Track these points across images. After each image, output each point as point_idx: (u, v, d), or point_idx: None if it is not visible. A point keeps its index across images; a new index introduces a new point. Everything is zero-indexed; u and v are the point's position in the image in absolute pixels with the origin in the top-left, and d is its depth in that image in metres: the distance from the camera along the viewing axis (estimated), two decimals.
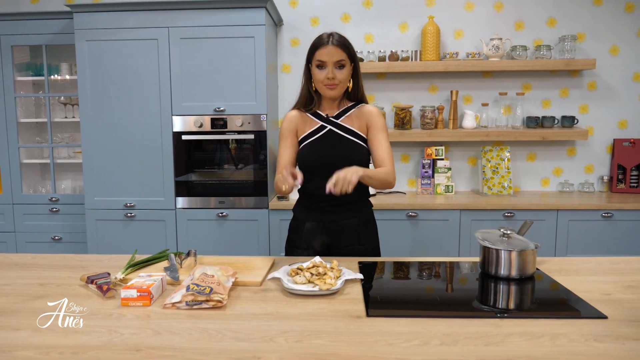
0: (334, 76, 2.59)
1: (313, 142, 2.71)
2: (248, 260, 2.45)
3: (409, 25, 4.86)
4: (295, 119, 2.76)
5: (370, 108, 2.76)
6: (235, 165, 4.44)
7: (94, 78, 4.36)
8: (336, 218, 2.72)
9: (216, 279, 1.95)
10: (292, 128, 2.76)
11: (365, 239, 2.78)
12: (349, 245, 2.73)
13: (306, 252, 2.73)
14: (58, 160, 4.92)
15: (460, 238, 4.29)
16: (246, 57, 4.26)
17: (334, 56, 2.58)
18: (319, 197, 2.68)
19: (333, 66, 2.58)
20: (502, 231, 2.30)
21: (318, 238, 2.72)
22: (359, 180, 2.36)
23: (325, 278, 2.04)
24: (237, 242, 4.40)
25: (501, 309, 2.02)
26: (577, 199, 4.51)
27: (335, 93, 2.65)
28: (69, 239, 4.79)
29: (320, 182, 2.56)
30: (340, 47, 2.59)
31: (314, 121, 2.74)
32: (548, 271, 2.34)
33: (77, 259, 2.55)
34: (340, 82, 2.62)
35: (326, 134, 2.70)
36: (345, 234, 2.73)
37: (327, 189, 2.28)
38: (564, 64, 4.53)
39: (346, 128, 2.71)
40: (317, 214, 2.74)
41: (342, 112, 2.75)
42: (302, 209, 2.83)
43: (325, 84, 2.61)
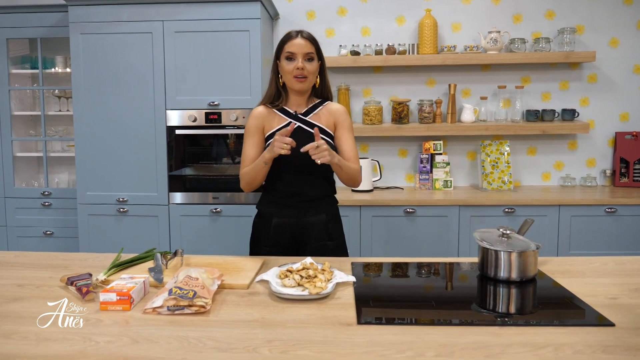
0: (304, 67, 2.59)
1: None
2: (237, 261, 2.37)
3: (406, 19, 4.78)
4: (262, 116, 2.72)
5: (338, 106, 2.78)
6: (231, 160, 4.36)
7: (88, 71, 4.29)
8: (304, 214, 2.69)
9: (200, 282, 1.87)
10: (259, 125, 2.71)
11: (334, 234, 2.76)
12: (319, 241, 2.70)
13: (274, 249, 2.69)
14: (52, 154, 4.86)
15: (460, 235, 4.21)
16: (241, 51, 4.19)
17: (304, 48, 2.60)
18: (287, 194, 2.70)
19: (302, 58, 2.59)
20: (502, 231, 2.21)
21: (287, 234, 2.70)
22: (330, 163, 2.44)
23: (315, 281, 1.96)
24: (232, 239, 4.32)
25: (501, 313, 1.95)
26: (579, 193, 4.43)
27: (305, 86, 2.65)
28: (61, 234, 4.73)
29: (289, 178, 2.67)
30: (310, 41, 2.63)
31: (282, 118, 2.71)
32: (550, 272, 2.25)
33: (61, 258, 2.47)
34: (309, 74, 2.62)
35: (295, 131, 2.60)
36: (314, 230, 2.70)
37: (305, 149, 2.36)
38: (563, 56, 4.45)
39: (314, 125, 2.65)
40: (285, 210, 2.70)
41: (310, 109, 2.74)
42: (268, 205, 2.77)
43: (294, 74, 2.60)
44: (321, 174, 2.69)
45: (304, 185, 2.67)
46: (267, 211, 2.75)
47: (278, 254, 2.62)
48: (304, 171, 2.63)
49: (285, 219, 2.69)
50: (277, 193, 2.72)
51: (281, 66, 2.64)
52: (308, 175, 2.66)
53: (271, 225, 2.71)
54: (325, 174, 2.70)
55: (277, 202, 2.72)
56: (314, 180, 2.69)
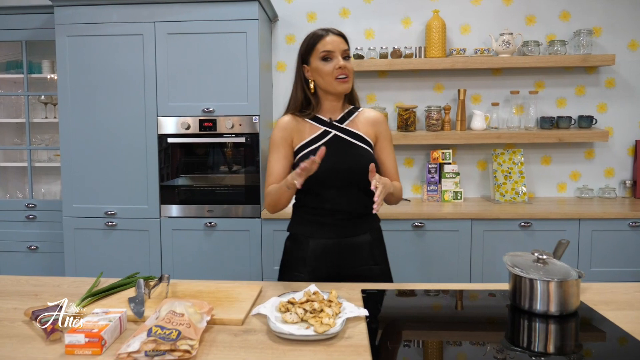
0: (345, 65, 2.31)
1: (316, 149, 2.33)
2: (230, 288, 2.07)
3: (412, 20, 4.55)
4: (290, 126, 2.42)
5: (377, 114, 2.49)
6: (226, 171, 4.10)
7: (74, 76, 4.07)
8: (349, 233, 2.37)
9: (186, 319, 1.59)
10: (286, 137, 2.41)
11: (380, 257, 2.45)
12: (363, 265, 2.39)
13: (310, 275, 2.37)
14: (37, 164, 4.62)
15: (472, 251, 3.93)
16: (237, 54, 3.97)
17: (340, 45, 2.34)
18: (326, 212, 2.37)
19: (341, 55, 2.31)
20: (537, 255, 1.91)
21: (326, 258, 2.37)
22: (390, 191, 2.21)
23: (322, 316, 1.68)
24: (227, 254, 4.06)
25: (538, 352, 1.65)
26: (598, 206, 4.16)
27: (349, 86, 2.37)
28: (45, 249, 4.46)
29: (327, 194, 2.34)
30: (343, 38, 2.38)
31: (315, 126, 2.41)
32: (591, 302, 1.95)
33: (32, 283, 2.20)
34: (350, 73, 2.35)
35: (332, 140, 2.36)
36: (359, 252, 2.38)
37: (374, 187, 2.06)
38: (580, 59, 4.20)
39: (353, 133, 2.38)
40: (325, 230, 2.38)
41: (345, 115, 2.44)
42: (303, 225, 2.44)
43: (336, 75, 2.31)
44: (362, 189, 2.34)
45: (345, 201, 2.35)
46: (302, 232, 2.43)
47: (315, 280, 2.32)
48: (343, 186, 2.32)
49: (324, 239, 2.37)
50: (314, 211, 2.40)
51: (316, 69, 2.34)
52: (348, 190, 2.34)
53: (308, 248, 2.39)
54: (366, 188, 2.31)
55: (314, 221, 2.40)
56: (355, 195, 2.36)
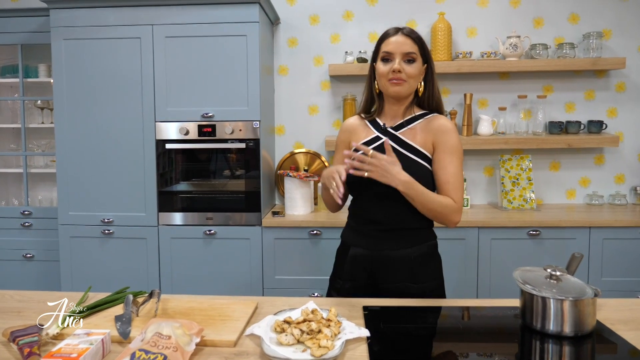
0: (401, 69, 2.17)
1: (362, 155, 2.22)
2: (225, 305, 1.95)
3: (417, 23, 4.43)
4: (351, 129, 2.41)
5: (442, 122, 2.27)
6: (226, 177, 3.99)
7: (70, 80, 3.97)
8: (385, 246, 2.25)
9: (173, 341, 1.48)
10: (346, 139, 2.41)
11: (421, 275, 2.26)
12: (399, 281, 2.24)
13: (348, 283, 2.30)
14: (33, 170, 4.50)
15: (479, 260, 3.81)
16: (238, 57, 3.87)
17: (402, 46, 2.18)
18: (363, 220, 2.30)
19: (401, 58, 2.18)
20: (549, 271, 1.78)
21: (361, 268, 2.29)
22: (398, 188, 2.06)
23: (319, 338, 1.56)
24: (227, 264, 3.95)
25: None
26: (609, 213, 4.03)
27: (402, 89, 2.21)
28: (41, 257, 4.35)
29: (368, 203, 2.26)
30: (411, 38, 2.21)
31: (370, 130, 2.33)
32: (609, 322, 1.81)
33: (17, 298, 2.09)
34: (409, 77, 2.20)
35: (380, 147, 2.23)
36: (394, 267, 2.24)
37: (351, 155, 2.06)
38: (590, 63, 4.08)
39: (405, 142, 2.24)
40: (362, 238, 2.30)
41: (405, 122, 2.29)
42: (349, 231, 2.39)
43: (389, 77, 2.19)
44: (402, 202, 2.19)
45: (381, 212, 2.24)
46: (346, 239, 2.41)
47: (352, 290, 2.27)
48: (382, 196, 2.20)
49: (360, 249, 2.30)
50: (355, 218, 2.37)
51: (377, 69, 2.25)
52: (387, 202, 2.21)
53: (347, 256, 2.33)
54: (407, 201, 2.19)
55: (355, 229, 2.36)
56: (393, 207, 2.22)
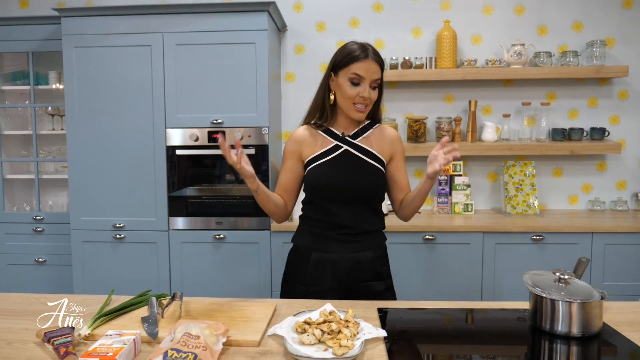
0: (369, 96, 2.27)
1: (325, 163, 2.34)
2: (244, 307, 2.03)
3: (423, 30, 4.49)
4: (302, 139, 2.42)
5: (393, 132, 2.46)
6: (235, 183, 4.05)
7: (82, 87, 4.02)
8: (349, 250, 2.34)
9: (202, 341, 1.55)
10: (296, 150, 2.42)
11: (382, 274, 2.42)
12: (364, 281, 2.35)
13: (312, 288, 2.34)
14: (44, 176, 4.56)
15: (484, 265, 3.88)
16: (247, 64, 3.92)
17: (374, 74, 2.27)
18: (329, 225, 2.35)
19: (369, 84, 2.26)
20: (558, 275, 1.86)
21: (328, 272, 2.34)
22: (433, 180, 2.29)
23: (340, 338, 1.63)
24: (236, 268, 4.01)
25: None
26: (611, 219, 4.10)
27: (363, 116, 2.33)
28: (53, 262, 4.41)
29: (334, 208, 2.32)
30: (379, 65, 2.29)
31: (327, 140, 2.39)
32: (614, 324, 1.89)
33: (43, 301, 2.14)
34: (370, 103, 2.32)
35: (342, 155, 2.34)
36: (359, 268, 2.35)
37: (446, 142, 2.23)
38: (593, 71, 4.15)
39: (364, 149, 2.35)
40: (327, 243, 2.35)
41: (359, 131, 2.40)
42: (307, 237, 2.42)
43: (355, 102, 2.27)
44: (368, 205, 2.36)
45: (349, 216, 2.33)
46: (305, 245, 2.42)
47: (316, 293, 2.30)
48: (349, 201, 2.31)
49: (326, 253, 2.35)
50: (317, 224, 2.39)
51: (340, 85, 2.29)
52: (353, 206, 2.33)
53: (310, 261, 2.37)
54: (372, 205, 2.38)
55: (317, 234, 2.38)
56: (360, 211, 2.35)
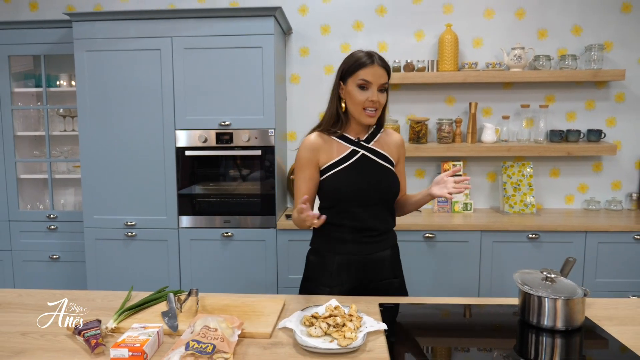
0: (378, 99, 2.36)
1: (346, 169, 2.43)
2: (256, 302, 2.18)
3: (425, 34, 4.60)
4: (317, 146, 2.46)
5: (398, 137, 2.61)
6: (242, 183, 4.19)
7: (93, 90, 4.14)
8: (371, 250, 2.47)
9: (220, 334, 1.70)
10: (312, 158, 2.45)
11: (398, 271, 2.58)
12: (385, 279, 2.50)
13: (335, 290, 2.45)
14: (57, 175, 4.69)
15: (481, 262, 4.02)
16: (253, 68, 4.04)
17: (381, 78, 2.36)
18: (351, 229, 2.45)
19: (377, 88, 2.36)
20: (545, 274, 2.02)
21: (352, 273, 2.46)
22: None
23: (344, 330, 1.78)
24: (243, 264, 4.16)
25: None
26: (604, 218, 4.24)
27: (373, 120, 2.42)
28: (67, 258, 4.56)
29: (355, 212, 2.43)
30: (386, 70, 2.39)
31: (343, 145, 2.47)
32: (596, 319, 2.05)
33: (67, 297, 2.29)
34: (380, 107, 2.41)
35: (360, 159, 2.44)
36: (380, 267, 2.49)
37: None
38: (591, 74, 4.26)
39: (379, 153, 2.48)
40: (350, 246, 2.46)
41: (370, 135, 2.52)
42: (329, 241, 2.51)
43: (365, 106, 2.37)
44: (386, 205, 2.49)
45: (370, 219, 2.44)
46: (327, 249, 2.50)
47: (340, 294, 2.41)
48: (370, 204, 2.41)
49: (349, 256, 2.46)
50: (338, 228, 2.46)
51: (349, 92, 2.39)
52: (374, 208, 2.44)
53: (334, 264, 2.47)
54: (389, 205, 2.51)
55: (338, 238, 2.47)
56: (380, 213, 2.47)
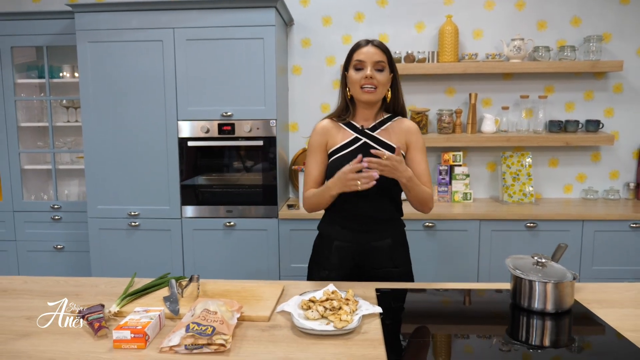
0: (372, 75, 2.39)
1: (346, 155, 2.47)
2: (255, 287, 2.23)
3: (426, 25, 4.63)
4: (325, 131, 2.55)
5: (410, 124, 2.56)
6: (244, 173, 4.24)
7: (96, 81, 4.17)
8: (368, 238, 2.50)
9: (219, 316, 1.74)
10: (321, 142, 2.54)
11: (399, 260, 2.56)
12: (382, 267, 2.52)
13: (334, 273, 2.51)
14: (60, 166, 4.73)
15: (480, 250, 4.07)
16: (255, 59, 4.07)
17: (374, 56, 2.41)
18: (350, 215, 2.50)
19: (372, 66, 2.40)
20: (536, 259, 2.07)
21: (349, 259, 2.51)
22: (402, 181, 2.31)
23: (340, 313, 1.83)
24: (246, 253, 4.21)
25: (534, 345, 1.83)
26: (602, 207, 4.29)
27: (373, 97, 2.44)
28: (71, 248, 4.61)
29: (352, 199, 2.44)
30: (381, 49, 2.44)
31: (347, 132, 2.53)
32: (586, 302, 2.10)
33: (71, 283, 2.35)
34: (379, 84, 2.43)
35: (361, 147, 2.48)
36: (378, 255, 2.51)
37: (362, 160, 2.22)
38: (589, 65, 4.29)
39: (382, 142, 2.50)
40: (347, 232, 2.52)
41: (378, 124, 2.54)
42: (330, 226, 2.58)
43: (362, 84, 2.41)
44: (388, 195, 2.50)
45: (369, 206, 2.47)
46: (328, 232, 2.57)
47: (339, 278, 2.46)
48: (369, 192, 2.39)
49: (347, 242, 2.51)
50: (340, 214, 2.52)
51: (349, 76, 2.46)
52: (373, 196, 2.45)
53: (332, 248, 2.53)
54: (392, 194, 2.52)
55: (339, 224, 2.53)
56: (380, 201, 2.48)
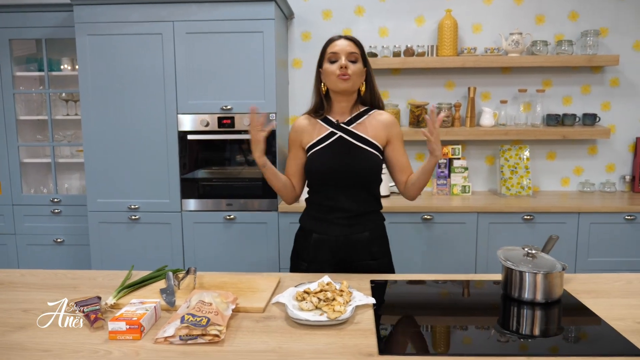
0: (347, 65, 2.43)
1: (322, 149, 2.52)
2: (251, 279, 2.26)
3: (426, 19, 4.64)
4: (301, 128, 2.61)
5: (388, 117, 2.59)
6: (244, 166, 4.25)
7: (95, 74, 4.18)
8: (346, 232, 2.52)
9: (214, 308, 1.77)
10: (296, 139, 2.62)
11: (378, 253, 2.59)
12: (361, 260, 2.54)
13: (313, 266, 2.54)
14: (60, 160, 4.74)
15: (478, 243, 4.09)
16: (255, 52, 4.08)
17: (347, 48, 2.46)
18: (327, 209, 2.54)
19: (346, 57, 2.44)
20: (527, 250, 2.11)
21: (327, 251, 2.54)
22: (437, 154, 2.34)
23: (334, 304, 1.85)
24: (246, 247, 4.23)
25: (524, 335, 1.86)
26: (598, 200, 4.31)
27: (349, 85, 2.47)
28: (71, 242, 4.64)
29: (329, 192, 2.50)
30: (354, 42, 2.50)
31: (323, 127, 2.57)
32: (575, 292, 2.13)
33: (69, 276, 2.38)
34: (353, 74, 2.46)
35: (336, 141, 2.52)
36: (356, 248, 2.53)
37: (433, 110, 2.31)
38: (586, 60, 4.31)
39: (358, 135, 2.52)
40: (325, 226, 2.54)
41: (353, 118, 2.57)
42: (309, 219, 2.62)
43: (337, 74, 2.43)
44: (365, 188, 2.53)
45: (346, 200, 2.50)
46: (307, 226, 2.61)
47: (318, 270, 2.49)
48: (346, 185, 2.47)
49: (325, 235, 2.54)
50: (318, 207, 2.58)
51: (325, 71, 2.50)
52: (348, 190, 2.49)
53: (311, 241, 2.56)
54: (369, 187, 2.55)
55: (317, 217, 2.57)
56: (357, 194, 2.51)
